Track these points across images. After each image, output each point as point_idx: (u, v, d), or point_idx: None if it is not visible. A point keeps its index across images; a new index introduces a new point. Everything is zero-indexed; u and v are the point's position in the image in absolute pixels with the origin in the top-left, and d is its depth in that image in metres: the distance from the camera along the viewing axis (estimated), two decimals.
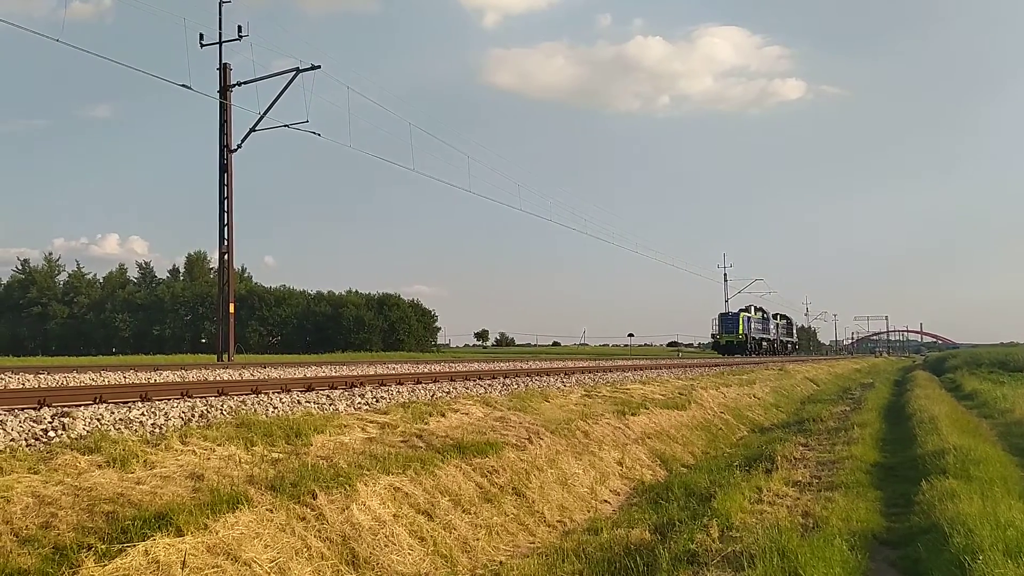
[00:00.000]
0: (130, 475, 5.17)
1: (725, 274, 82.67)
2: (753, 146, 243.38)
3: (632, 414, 12.08)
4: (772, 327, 78.62)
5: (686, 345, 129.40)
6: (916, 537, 6.13)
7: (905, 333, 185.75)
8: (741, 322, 67.71)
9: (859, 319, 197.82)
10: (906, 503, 7.66)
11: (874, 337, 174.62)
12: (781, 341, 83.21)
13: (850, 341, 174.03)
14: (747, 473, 9.24)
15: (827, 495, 7.87)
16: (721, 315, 70.27)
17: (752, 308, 74.20)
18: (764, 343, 74.25)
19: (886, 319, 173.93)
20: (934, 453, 9.60)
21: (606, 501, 8.60)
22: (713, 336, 69.77)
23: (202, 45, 25.08)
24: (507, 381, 14.50)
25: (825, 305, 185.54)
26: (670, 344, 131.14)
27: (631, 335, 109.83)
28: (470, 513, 6.62)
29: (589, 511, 8.02)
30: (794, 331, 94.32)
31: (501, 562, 6.02)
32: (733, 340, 66.14)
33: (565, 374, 18.19)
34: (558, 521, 7.51)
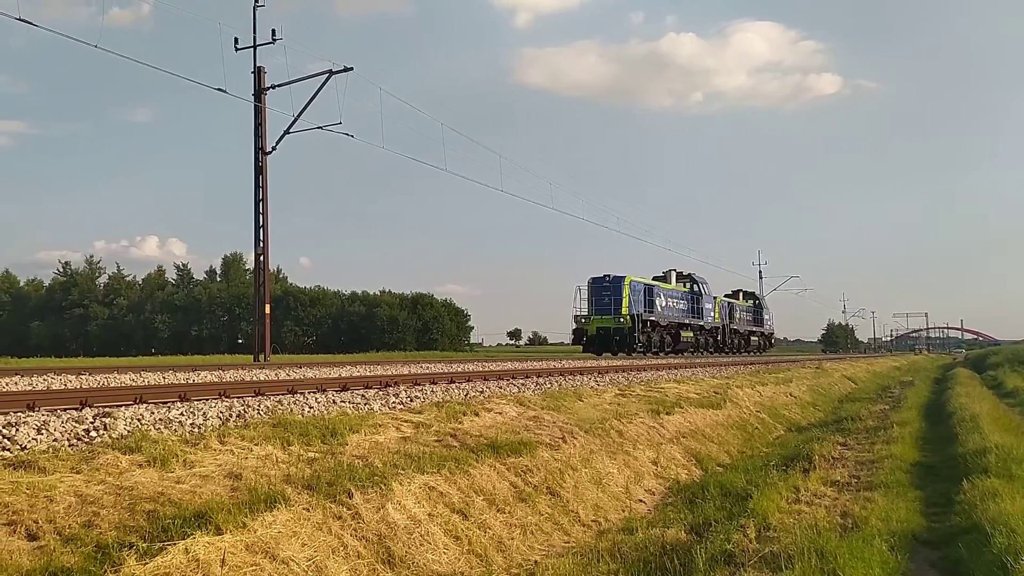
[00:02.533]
0: (170, 474, 5.24)
1: (760, 271, 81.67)
2: (788, 142, 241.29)
3: (667, 413, 12.02)
4: (709, 309, 49.16)
5: None
6: (957, 537, 6.03)
7: (945, 330, 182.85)
8: (627, 296, 37.94)
9: (898, 316, 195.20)
10: (947, 503, 7.55)
11: (914, 334, 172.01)
12: (735, 332, 55.16)
13: (889, 339, 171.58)
14: (784, 473, 9.14)
15: (866, 495, 7.77)
16: (592, 283, 39.00)
17: (674, 274, 46.55)
18: (686, 333, 44.82)
19: (926, 316, 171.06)
20: (975, 452, 9.44)
21: (641, 501, 8.57)
22: (577, 320, 39.11)
23: (237, 49, 25.35)
24: (540, 380, 14.49)
25: (863, 302, 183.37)
26: None
27: None
28: (504, 512, 6.63)
29: (624, 511, 7.99)
30: (765, 319, 64.48)
31: (536, 561, 6.02)
32: (610, 327, 37.47)
33: (599, 373, 18.13)
34: (593, 520, 7.49)
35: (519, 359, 28.24)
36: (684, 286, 47.29)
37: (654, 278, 44.18)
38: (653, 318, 40.34)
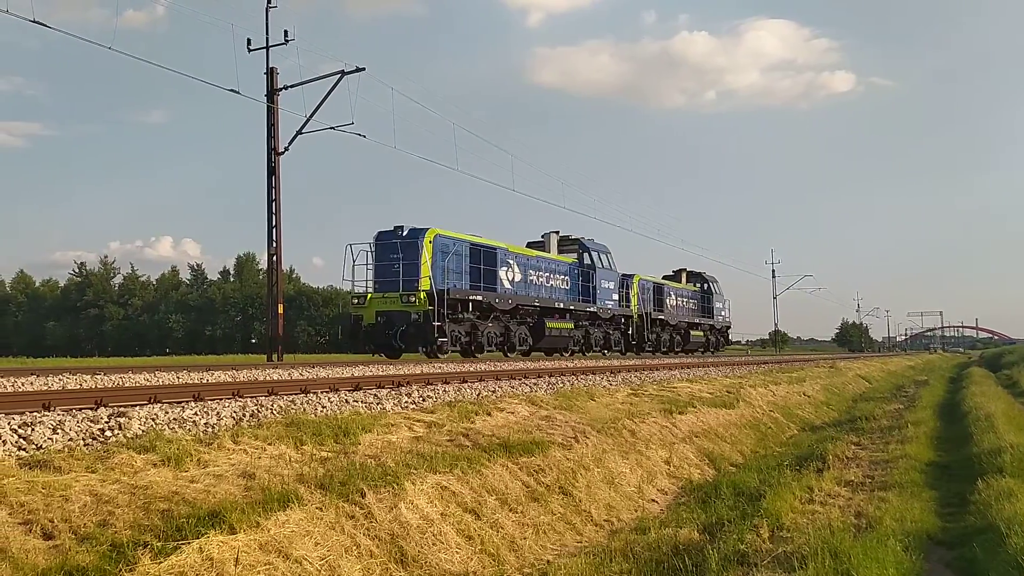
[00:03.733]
0: (184, 474, 5.27)
1: (773, 270, 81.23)
2: (802, 140, 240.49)
3: (679, 412, 11.99)
4: (610, 290, 33.66)
5: (733, 342, 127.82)
6: (972, 537, 6.00)
7: (960, 329, 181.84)
8: (427, 262, 22.91)
9: (912, 315, 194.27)
10: (961, 503, 7.51)
11: (928, 333, 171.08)
12: (664, 324, 39.63)
13: (903, 338, 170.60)
14: (798, 472, 9.11)
15: (880, 495, 7.74)
16: (378, 240, 23.88)
17: (554, 239, 31.73)
18: (559, 324, 29.35)
19: (940, 315, 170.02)
20: (990, 451, 9.39)
21: (653, 500, 8.56)
22: (352, 300, 23.88)
23: (250, 50, 25.46)
24: (552, 380, 14.49)
25: (877, 301, 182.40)
26: None
27: None
28: (517, 512, 6.64)
29: (636, 510, 7.98)
30: (716, 308, 47.96)
31: (548, 561, 6.03)
32: (392, 309, 22.84)
33: (611, 372, 18.11)
34: (605, 520, 7.49)
35: (531, 358, 28.20)
36: (571, 256, 31.89)
37: (529, 244, 30.60)
38: (479, 298, 24.43)
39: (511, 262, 27.38)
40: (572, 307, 30.46)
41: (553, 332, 28.74)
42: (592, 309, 31.96)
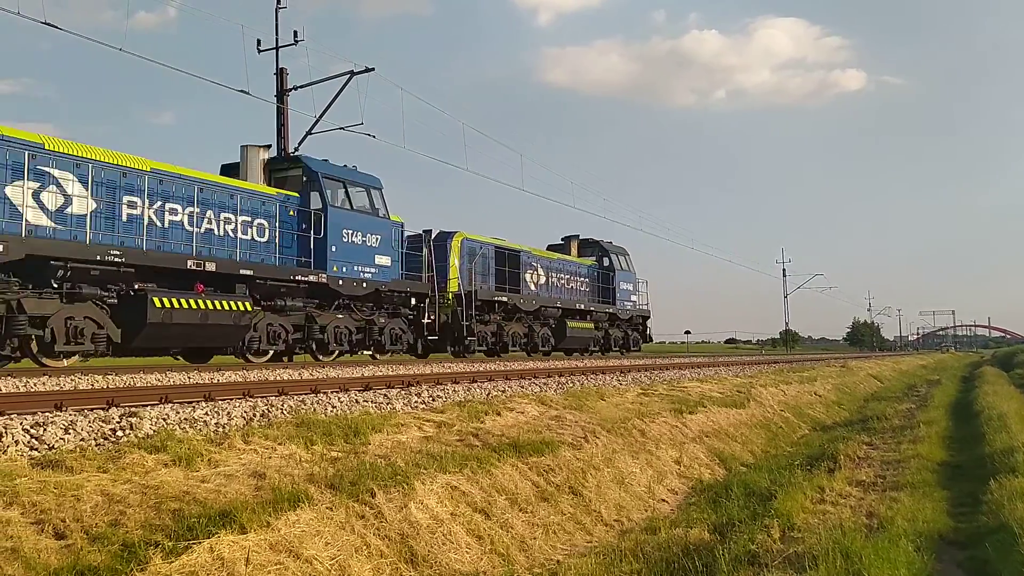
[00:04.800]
0: (195, 473, 5.29)
1: (784, 269, 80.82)
2: (812, 139, 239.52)
3: (690, 412, 11.97)
4: (381, 251, 19.43)
5: (744, 342, 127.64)
6: (984, 537, 5.97)
7: (973, 328, 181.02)
8: None
9: (924, 314, 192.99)
10: (974, 503, 7.47)
11: (940, 332, 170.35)
12: (514, 310, 26.07)
13: (915, 337, 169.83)
14: (809, 472, 9.08)
15: (892, 495, 7.71)
16: None
17: (253, 156, 17.95)
18: (235, 307, 15.16)
19: (952, 314, 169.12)
20: (1003, 451, 9.34)
21: (664, 500, 8.54)
22: None
23: (259, 51, 25.47)
24: (562, 380, 14.47)
25: (888, 300, 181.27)
26: (728, 341, 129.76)
27: (688, 332, 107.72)
28: (527, 512, 6.63)
29: (646, 510, 7.97)
30: (622, 291, 33.34)
31: (558, 561, 6.03)
32: None
33: (621, 372, 18.08)
34: (615, 520, 7.48)
35: (540, 358, 28.14)
36: (287, 190, 18.21)
37: (224, 169, 19.01)
38: None
39: (126, 185, 14.30)
40: (250, 271, 16.30)
41: (176, 317, 14.56)
42: (317, 279, 17.90)
